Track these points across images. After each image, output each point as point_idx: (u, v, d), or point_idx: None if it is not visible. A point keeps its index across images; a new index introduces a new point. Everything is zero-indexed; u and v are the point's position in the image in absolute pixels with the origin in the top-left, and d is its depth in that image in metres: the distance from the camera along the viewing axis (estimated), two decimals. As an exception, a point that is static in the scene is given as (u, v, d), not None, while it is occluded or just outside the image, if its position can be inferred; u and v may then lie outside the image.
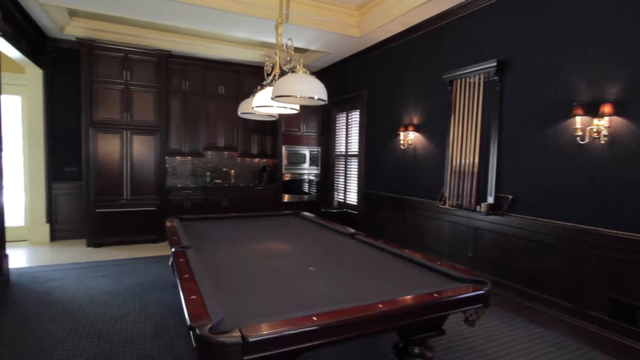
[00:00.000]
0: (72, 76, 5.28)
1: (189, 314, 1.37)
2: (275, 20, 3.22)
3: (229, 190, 6.09)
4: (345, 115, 6.06)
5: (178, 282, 1.76)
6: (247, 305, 1.59)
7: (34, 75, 5.25)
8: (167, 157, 6.06)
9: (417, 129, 4.44)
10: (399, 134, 4.62)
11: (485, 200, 3.42)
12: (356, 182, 5.70)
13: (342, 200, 6.09)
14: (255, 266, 2.20)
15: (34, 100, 5.30)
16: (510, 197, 3.23)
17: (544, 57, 3.05)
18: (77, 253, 4.87)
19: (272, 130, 6.60)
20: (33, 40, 4.83)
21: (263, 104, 2.78)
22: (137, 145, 5.38)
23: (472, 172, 3.54)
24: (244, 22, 4.56)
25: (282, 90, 2.20)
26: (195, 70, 5.99)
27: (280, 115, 6.32)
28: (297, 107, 2.87)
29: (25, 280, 3.78)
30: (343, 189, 6.10)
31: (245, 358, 1.22)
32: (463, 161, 3.67)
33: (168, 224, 3.21)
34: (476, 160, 3.50)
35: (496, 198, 3.34)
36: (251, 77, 6.35)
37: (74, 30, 5.08)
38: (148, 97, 5.46)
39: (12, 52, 4.33)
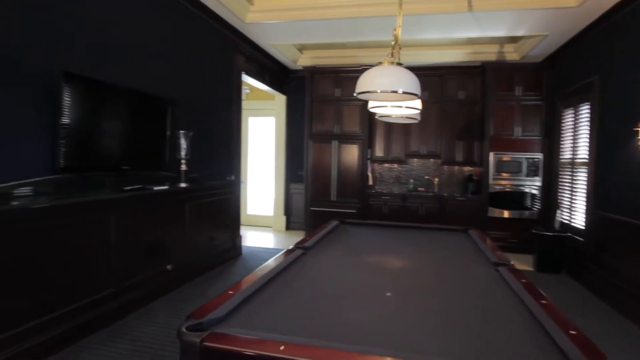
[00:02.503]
0: (301, 98, 6.50)
1: (201, 305, 1.53)
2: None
3: (428, 199, 5.83)
4: (572, 111, 4.58)
5: (247, 277, 1.94)
6: (269, 315, 1.57)
7: (280, 100, 6.84)
8: (375, 165, 6.48)
9: (673, 122, 2.84)
10: (639, 132, 3.09)
11: None
12: (584, 199, 4.20)
13: (567, 222, 4.62)
14: (340, 279, 2.09)
15: (280, 120, 6.90)
16: None
17: None
18: (292, 242, 5.98)
19: (481, 135, 5.80)
20: (276, 74, 6.31)
21: (376, 104, 2.58)
22: (344, 153, 6.03)
23: None
24: (432, 21, 4.30)
25: (362, 85, 1.99)
26: (398, 79, 6.08)
27: (489, 117, 5.48)
28: (416, 104, 2.48)
29: (249, 256, 5.03)
30: (568, 207, 4.62)
31: (201, 361, 1.25)
32: None
33: (323, 226, 3.48)
34: None
35: None
36: (456, 78, 5.87)
37: (303, 61, 6.28)
38: (355, 110, 6.01)
39: (257, 84, 5.84)
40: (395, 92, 1.90)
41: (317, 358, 1.17)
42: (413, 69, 5.75)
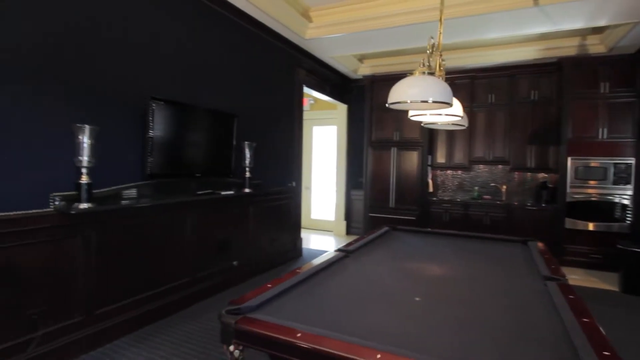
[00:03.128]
0: (361, 107, 6.63)
1: (242, 295, 1.76)
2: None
3: (494, 207, 5.54)
4: (670, 109, 4.03)
5: (287, 274, 2.15)
6: (297, 307, 1.75)
7: (342, 109, 7.05)
8: (437, 171, 6.34)
9: None
10: None
11: None
12: (681, 211, 3.67)
13: (662, 237, 4.06)
14: (372, 281, 2.19)
15: (341, 128, 7.11)
16: None
17: None
18: (351, 246, 6.12)
19: (557, 139, 5.35)
20: (337, 84, 6.53)
21: (415, 112, 2.61)
22: (403, 160, 6.01)
23: None
24: (495, 20, 4.16)
25: (393, 96, 2.08)
26: (461, 82, 5.90)
27: (566, 118, 5.05)
28: (457, 111, 2.46)
29: (309, 258, 5.28)
30: (663, 219, 4.06)
31: (234, 341, 1.48)
32: None
33: (373, 231, 3.58)
34: None
35: None
36: (528, 77, 5.51)
37: (364, 70, 6.42)
38: (416, 116, 5.97)
39: (319, 95, 6.12)
40: (426, 101, 1.96)
41: (326, 346, 1.31)
42: (479, 70, 5.68)
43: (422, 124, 3.08)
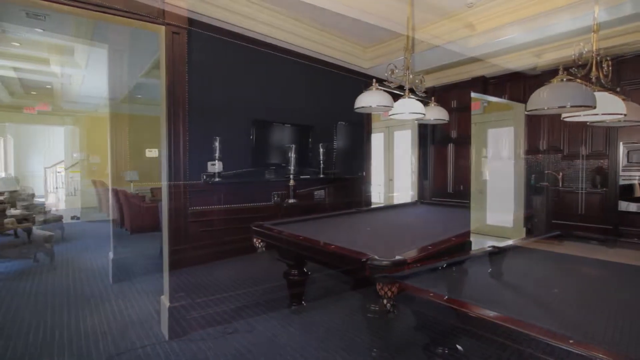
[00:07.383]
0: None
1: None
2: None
3: None
4: None
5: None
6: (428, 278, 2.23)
7: (518, 110, 6.69)
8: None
9: None
10: None
11: None
12: None
13: None
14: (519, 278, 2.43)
15: (519, 129, 6.75)
16: None
17: None
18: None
19: None
20: (514, 86, 6.29)
21: (569, 114, 2.58)
22: (594, 161, 5.31)
23: None
24: None
25: (530, 104, 2.25)
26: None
27: None
28: (616, 109, 2.34)
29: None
30: None
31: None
32: None
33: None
34: None
35: None
36: None
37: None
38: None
39: (493, 99, 6.07)
40: (564, 106, 2.08)
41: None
42: None
43: (588, 123, 2.97)
